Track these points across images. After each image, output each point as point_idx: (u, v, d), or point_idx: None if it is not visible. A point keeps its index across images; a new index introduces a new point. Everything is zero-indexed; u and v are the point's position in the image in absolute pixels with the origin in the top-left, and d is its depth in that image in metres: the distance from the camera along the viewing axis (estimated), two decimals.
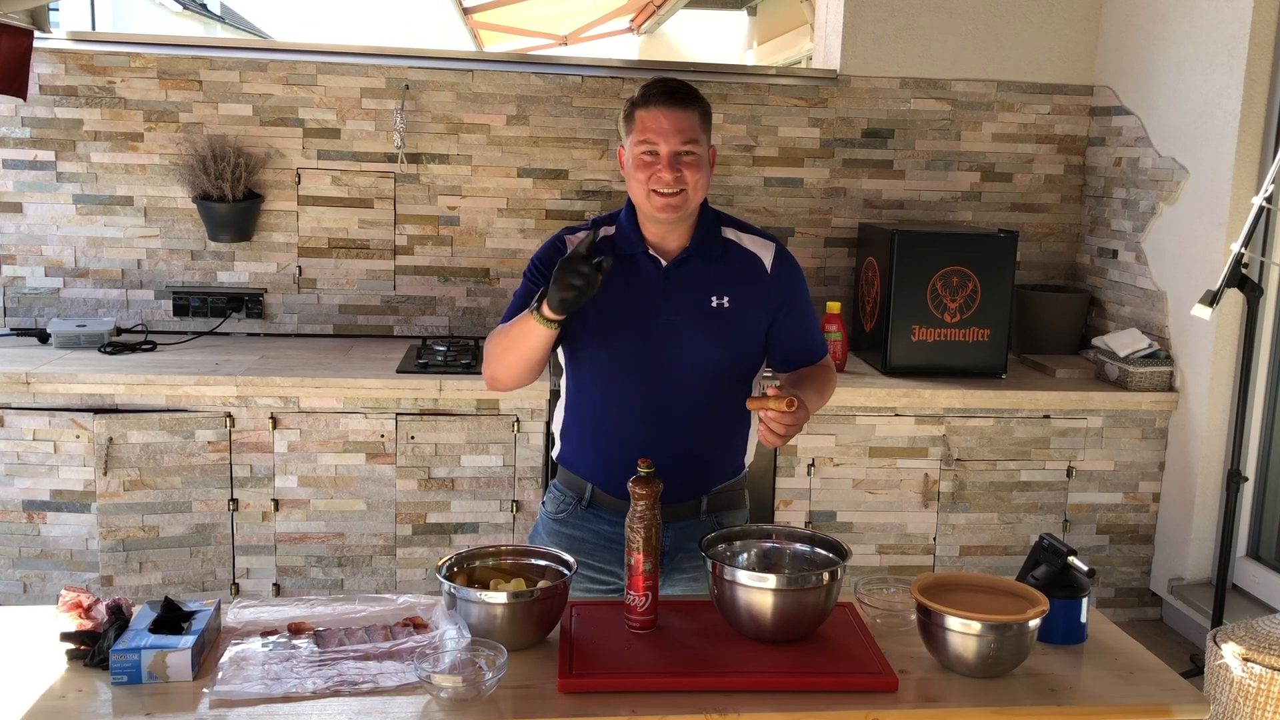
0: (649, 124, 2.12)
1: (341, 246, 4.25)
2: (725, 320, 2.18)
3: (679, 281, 2.18)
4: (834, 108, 4.36)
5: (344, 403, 3.64)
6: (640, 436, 2.17)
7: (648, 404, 2.18)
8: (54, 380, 3.54)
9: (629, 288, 2.17)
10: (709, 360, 2.18)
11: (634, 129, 2.14)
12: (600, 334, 2.17)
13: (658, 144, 2.11)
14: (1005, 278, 3.96)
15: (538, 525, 2.39)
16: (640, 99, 2.14)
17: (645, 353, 2.17)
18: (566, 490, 2.32)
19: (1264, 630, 2.83)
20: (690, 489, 2.24)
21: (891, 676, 1.83)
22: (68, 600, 1.92)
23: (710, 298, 2.18)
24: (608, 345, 2.18)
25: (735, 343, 2.21)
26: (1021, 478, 3.94)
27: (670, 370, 2.17)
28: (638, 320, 2.17)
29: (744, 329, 2.21)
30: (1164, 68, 4.04)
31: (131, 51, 4.06)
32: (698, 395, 2.19)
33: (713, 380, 2.20)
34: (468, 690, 1.73)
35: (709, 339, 2.17)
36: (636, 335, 2.16)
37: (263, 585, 3.73)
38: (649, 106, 2.12)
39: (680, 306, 2.17)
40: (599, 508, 2.27)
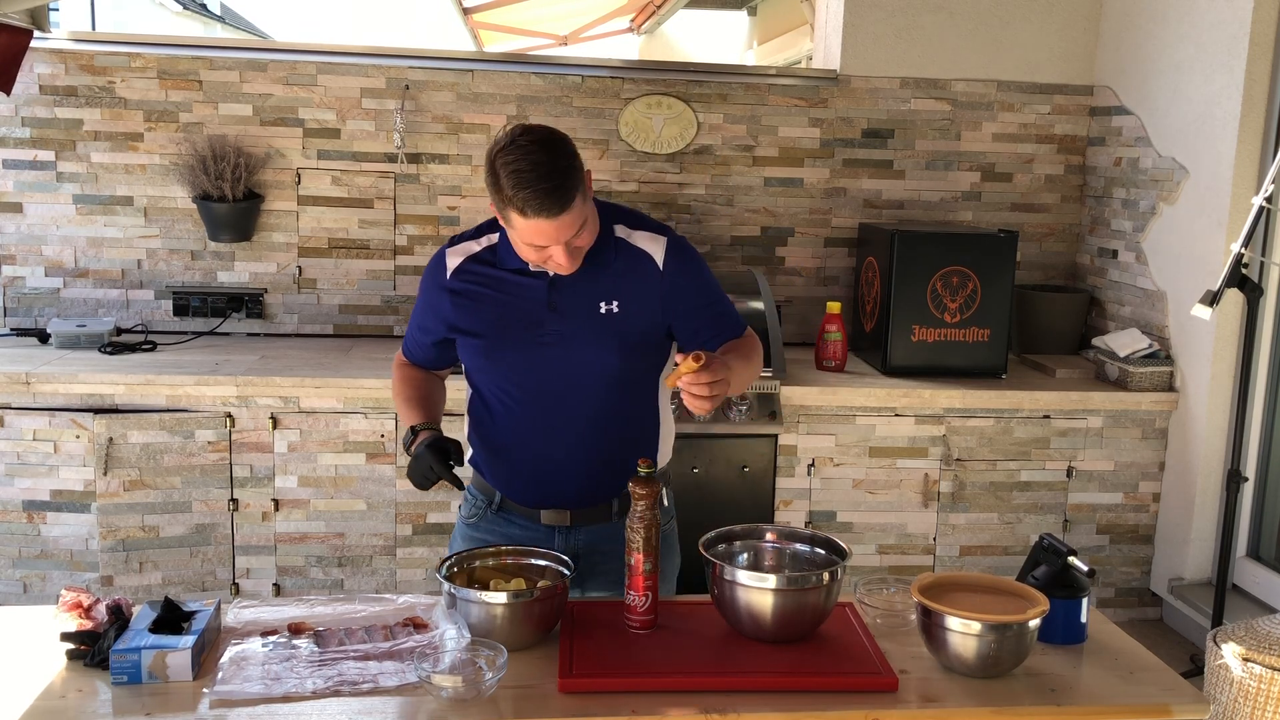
0: (533, 234, 1.95)
1: (341, 246, 4.25)
2: (615, 325, 2.12)
3: (565, 291, 2.11)
4: (834, 108, 4.36)
5: (344, 403, 3.64)
6: (541, 446, 2.16)
7: (545, 415, 2.16)
8: (54, 380, 3.54)
9: (513, 304, 2.13)
10: (601, 366, 2.13)
11: (515, 227, 1.96)
12: (489, 352, 2.15)
13: (547, 246, 1.98)
14: (1005, 278, 3.96)
15: (455, 530, 2.39)
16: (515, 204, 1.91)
17: (536, 366, 2.13)
18: (478, 494, 2.31)
19: (1264, 630, 2.83)
20: (598, 493, 2.23)
21: (891, 676, 1.83)
22: (68, 600, 1.92)
23: (599, 303, 2.11)
24: (498, 362, 2.15)
25: (629, 348, 2.14)
26: (1021, 478, 3.94)
27: (563, 380, 2.13)
28: (524, 335, 2.12)
29: (635, 331, 2.14)
30: (1164, 68, 4.04)
31: (131, 51, 4.06)
32: (595, 401, 2.15)
33: (608, 384, 2.15)
34: (468, 690, 1.73)
35: (598, 345, 2.12)
36: (525, 350, 2.13)
37: (263, 585, 3.73)
38: (528, 217, 1.91)
39: (567, 316, 2.11)
40: (509, 512, 2.26)
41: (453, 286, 2.17)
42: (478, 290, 2.16)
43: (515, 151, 1.92)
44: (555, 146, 1.94)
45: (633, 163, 4.31)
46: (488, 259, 2.17)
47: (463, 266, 2.17)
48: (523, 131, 1.95)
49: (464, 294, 2.16)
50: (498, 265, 2.15)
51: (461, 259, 2.18)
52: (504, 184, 1.91)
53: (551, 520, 2.23)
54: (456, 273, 2.17)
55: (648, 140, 4.29)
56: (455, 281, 2.17)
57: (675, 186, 4.35)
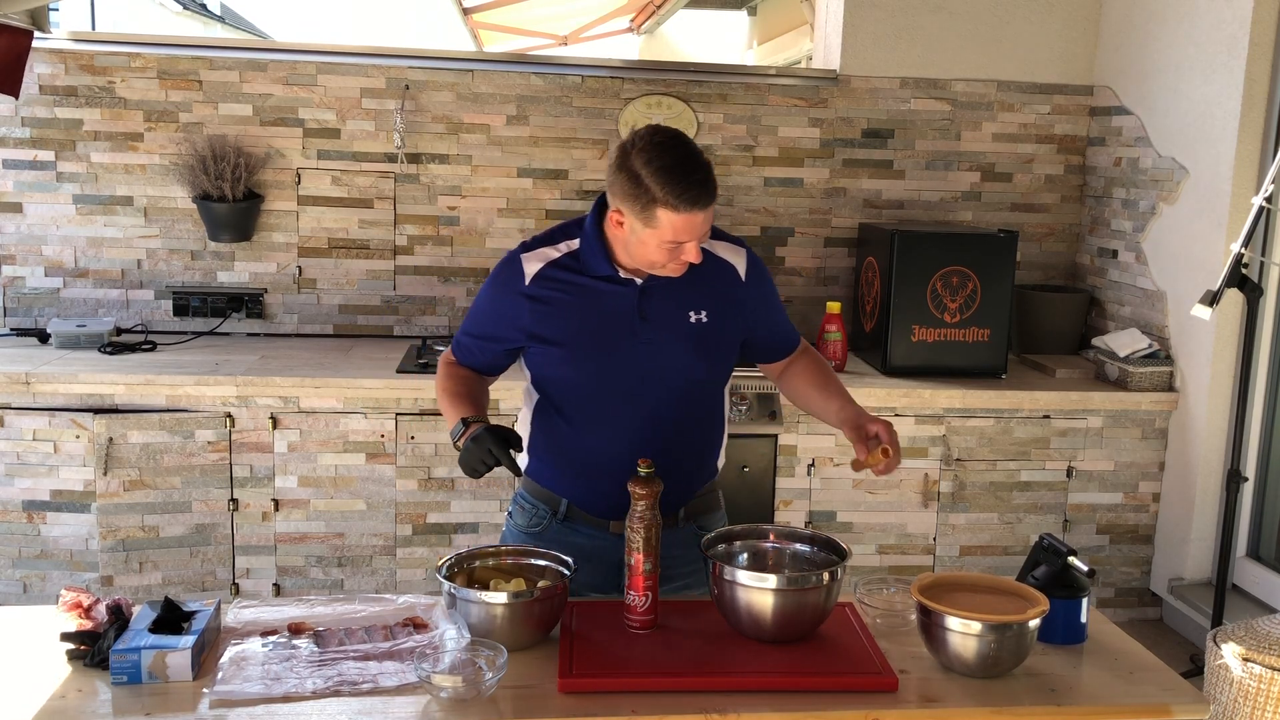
0: (681, 228, 1.95)
1: (341, 246, 4.25)
2: (704, 335, 2.14)
3: (655, 299, 2.11)
4: (834, 108, 4.36)
5: (344, 403, 3.64)
6: (620, 455, 2.12)
7: (628, 424, 2.14)
8: (54, 380, 3.54)
9: (603, 309, 2.11)
10: (689, 376, 2.15)
11: (657, 227, 1.96)
12: (574, 357, 2.12)
13: (688, 241, 1.99)
14: (1005, 278, 3.96)
15: (505, 539, 2.32)
16: (667, 201, 1.92)
17: (623, 374, 2.11)
18: (538, 503, 2.26)
19: (1264, 630, 2.83)
20: (667, 501, 2.20)
21: (891, 676, 1.83)
22: (68, 600, 1.92)
23: (689, 313, 2.12)
24: (582, 369, 2.12)
25: (714, 357, 2.17)
26: (1021, 478, 3.94)
27: (650, 389, 2.13)
28: (614, 343, 2.11)
29: (722, 341, 2.17)
30: (1164, 68, 4.04)
31: (131, 51, 4.06)
32: (677, 410, 2.15)
33: (691, 393, 2.17)
34: (468, 690, 1.73)
35: (689, 355, 2.13)
36: (614, 358, 2.11)
37: (263, 585, 3.73)
38: (680, 212, 1.93)
39: (658, 325, 2.11)
40: (575, 522, 2.22)
41: (532, 293, 2.11)
42: (560, 297, 2.11)
43: (656, 150, 1.93)
44: (689, 142, 1.99)
45: None
46: (571, 265, 2.12)
47: (543, 273, 2.12)
48: (654, 131, 1.97)
49: (547, 300, 2.11)
50: (582, 272, 2.11)
51: (541, 265, 2.13)
52: (651, 183, 1.92)
53: (621, 529, 2.16)
54: (537, 279, 2.12)
55: None
56: (535, 288, 2.11)
57: None
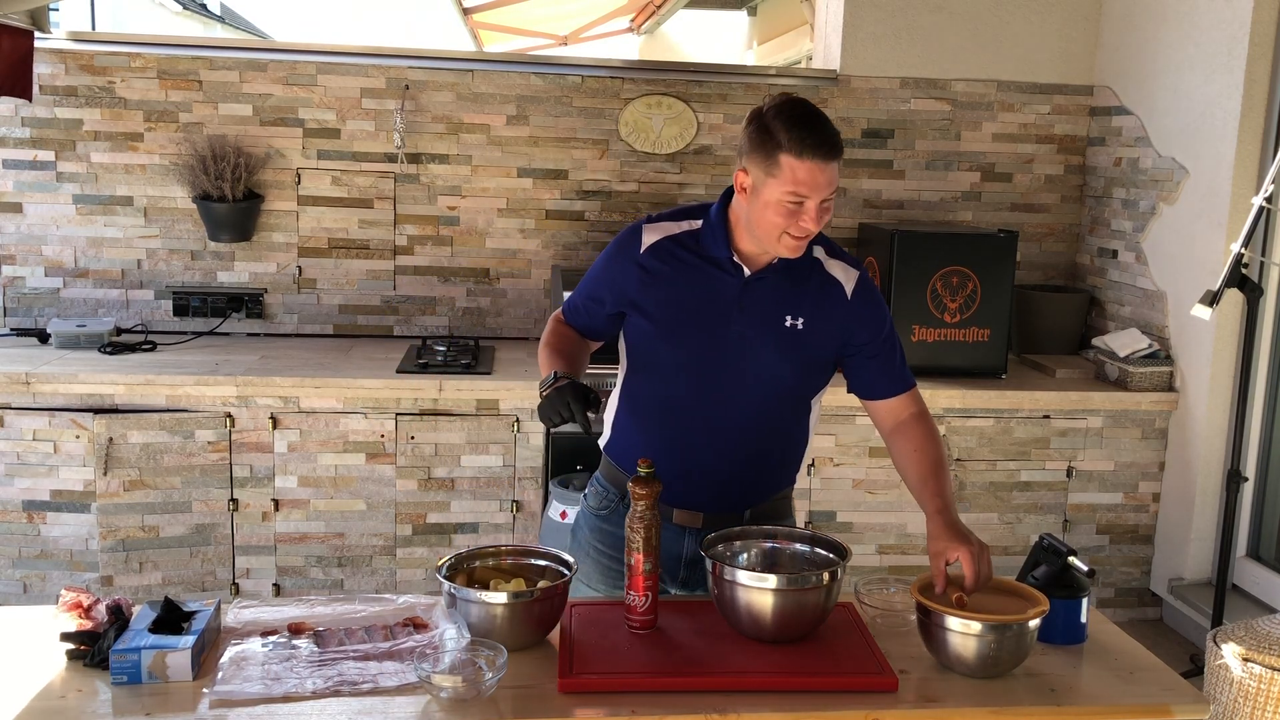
0: (802, 177, 1.95)
1: (341, 246, 4.25)
2: (796, 340, 2.12)
3: (756, 294, 2.11)
4: (834, 108, 4.36)
5: (344, 403, 3.64)
6: (693, 443, 2.13)
7: (705, 412, 2.13)
8: (54, 380, 3.54)
9: (705, 292, 2.11)
10: (774, 377, 2.14)
11: (779, 175, 1.96)
12: (668, 333, 2.13)
13: (808, 196, 1.97)
14: (1005, 278, 3.96)
15: (579, 520, 2.35)
16: (791, 145, 1.94)
17: (711, 360, 2.11)
18: (609, 486, 2.27)
19: (1264, 630, 2.83)
20: (733, 502, 2.20)
21: (891, 676, 1.83)
22: (68, 600, 1.92)
23: (785, 316, 2.12)
24: (674, 346, 2.13)
25: (803, 364, 2.16)
26: (1021, 478, 3.94)
27: (733, 381, 2.12)
28: (709, 326, 2.11)
29: (814, 352, 2.15)
30: (1164, 68, 4.04)
31: (131, 51, 4.06)
32: (756, 410, 2.15)
33: (773, 396, 2.16)
34: (468, 690, 1.73)
35: (777, 355, 2.12)
36: (705, 341, 2.11)
37: (263, 585, 3.73)
38: (803, 158, 1.93)
39: (753, 319, 2.11)
40: None
41: (644, 262, 2.13)
42: (669, 271, 2.12)
43: (788, 105, 1.99)
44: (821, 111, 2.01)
45: (633, 163, 4.31)
46: (688, 243, 2.13)
47: (660, 244, 2.13)
48: (789, 95, 2.03)
49: (655, 272, 2.12)
50: (698, 252, 2.13)
51: (659, 236, 2.14)
52: (780, 130, 1.95)
53: (684, 521, 2.19)
54: (652, 249, 2.13)
55: (648, 140, 4.29)
56: (648, 258, 2.13)
57: (675, 186, 4.35)
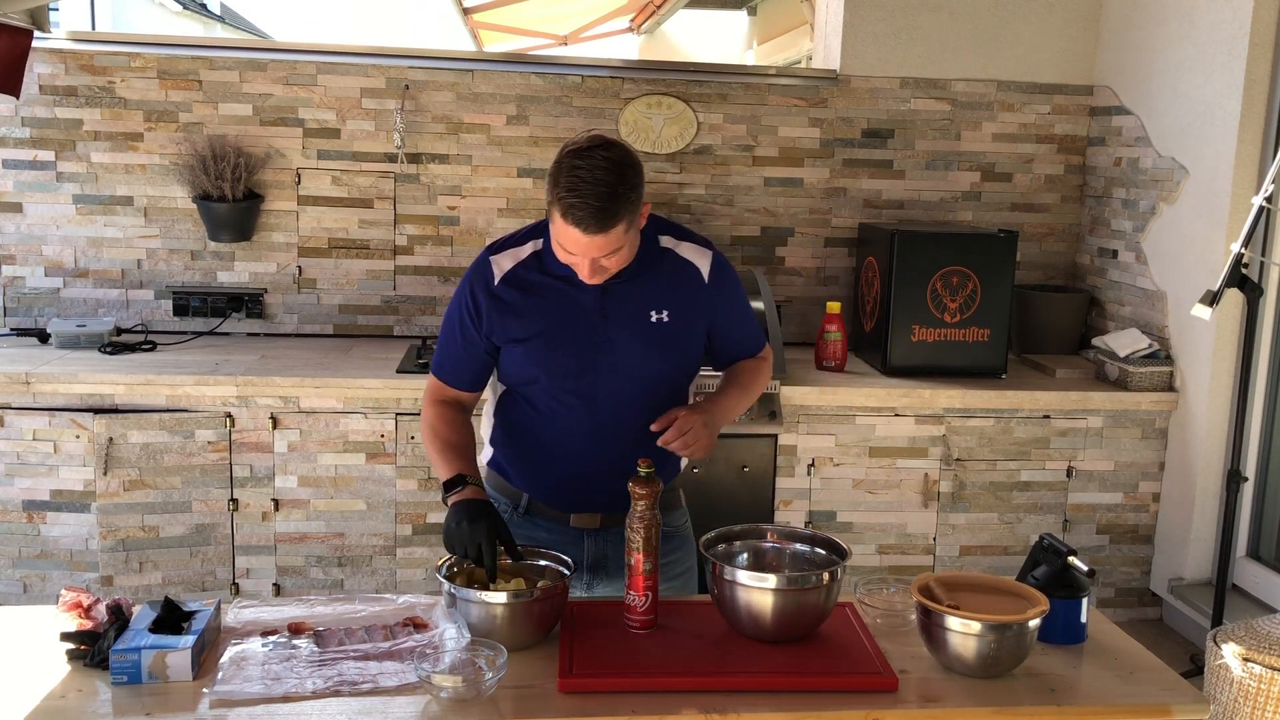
0: (567, 241, 1.97)
1: (341, 246, 4.25)
2: (665, 334, 2.15)
3: (617, 298, 2.13)
4: (834, 108, 4.36)
5: (344, 403, 3.64)
6: (581, 450, 2.15)
7: (589, 420, 2.15)
8: (54, 380, 3.54)
9: (567, 307, 2.12)
10: (650, 374, 2.16)
11: (554, 225, 1.98)
12: (538, 355, 2.13)
13: (576, 256, 2.00)
14: (1005, 278, 3.96)
15: None
16: (558, 204, 1.94)
17: (586, 371, 2.13)
18: (499, 497, 2.28)
19: (1264, 630, 2.83)
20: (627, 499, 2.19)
21: (891, 676, 1.83)
22: (68, 600, 1.92)
23: (649, 312, 2.14)
24: (546, 366, 2.13)
25: (676, 356, 2.19)
26: (1021, 478, 3.94)
27: (611, 386, 2.14)
28: (577, 339, 2.12)
29: (684, 342, 2.19)
30: (1164, 68, 4.04)
31: (131, 51, 4.06)
32: (639, 408, 2.16)
33: (653, 392, 2.18)
34: (468, 690, 1.73)
35: (649, 354, 2.14)
36: (576, 355, 2.12)
37: (263, 585, 3.73)
38: (566, 221, 1.94)
39: (619, 323, 2.13)
40: (536, 515, 2.25)
41: (501, 293, 2.13)
42: (527, 295, 2.13)
43: (585, 159, 1.94)
44: (623, 172, 1.95)
45: None
46: (536, 265, 2.14)
47: (512, 272, 2.14)
48: (602, 144, 1.96)
49: (514, 299, 2.13)
50: (546, 271, 2.13)
51: (511, 264, 2.14)
52: (560, 183, 1.94)
53: (581, 523, 2.23)
54: (506, 279, 2.13)
55: (648, 140, 4.29)
56: (504, 288, 2.13)
57: (675, 186, 4.35)
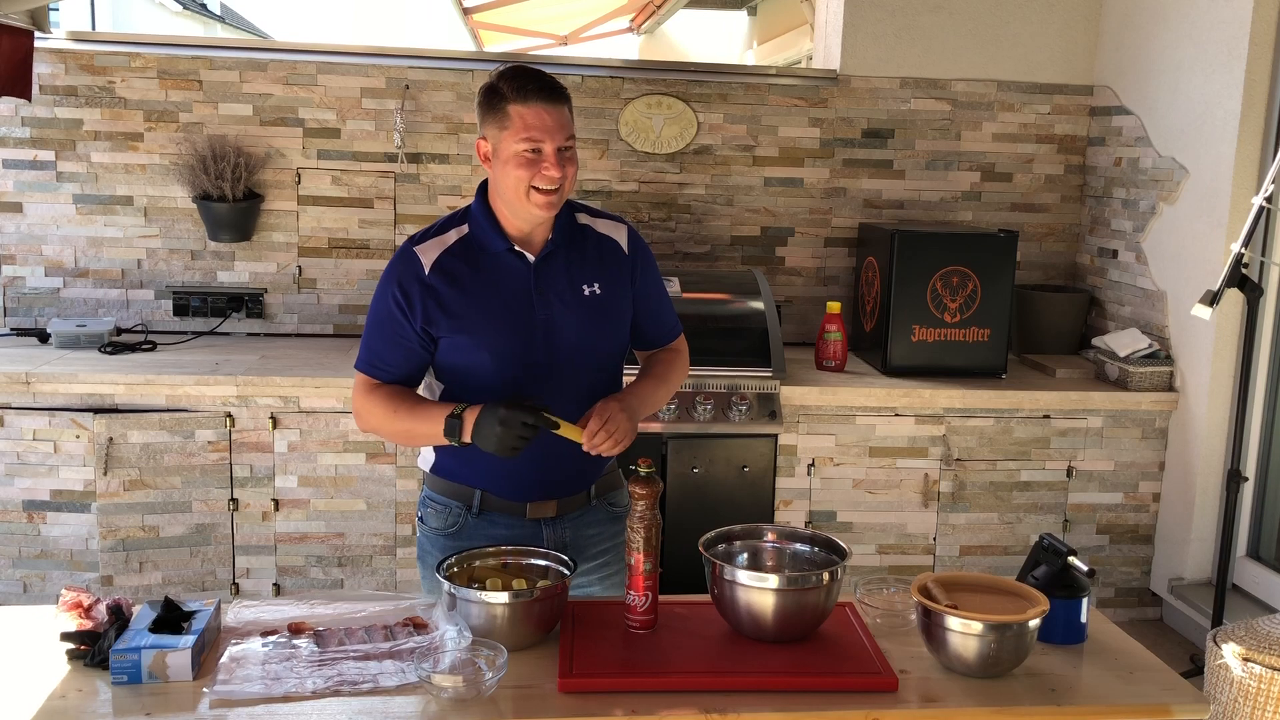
0: (531, 121, 2.02)
1: (341, 246, 4.25)
2: (598, 307, 2.17)
3: (548, 275, 2.14)
4: (834, 108, 4.36)
5: (344, 403, 3.64)
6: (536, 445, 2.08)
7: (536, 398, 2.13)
8: (54, 380, 3.54)
9: (501, 289, 2.12)
10: (588, 349, 2.17)
11: (509, 125, 2.04)
12: (477, 341, 2.12)
13: (542, 141, 2.03)
14: (1005, 278, 3.96)
15: (423, 544, 2.30)
16: (514, 94, 2.02)
17: (525, 350, 2.12)
18: (449, 501, 2.24)
19: (1264, 630, 2.83)
20: (580, 480, 2.24)
21: (891, 676, 1.83)
22: (68, 600, 1.92)
23: (581, 287, 2.16)
24: (484, 349, 2.12)
25: (610, 327, 2.20)
26: (1021, 478, 3.94)
27: (551, 365, 2.14)
28: (513, 320, 2.12)
29: (616, 313, 2.21)
30: (1164, 68, 4.04)
31: (131, 51, 4.06)
32: (579, 382, 2.16)
33: (593, 366, 2.19)
34: (468, 690, 1.73)
35: (586, 328, 2.15)
36: (514, 334, 2.12)
37: (263, 585, 3.73)
38: (528, 103, 2.02)
39: (554, 298, 2.14)
40: (491, 512, 2.21)
41: (433, 282, 2.11)
42: (460, 283, 2.12)
43: (514, 68, 2.08)
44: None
45: (633, 163, 4.31)
46: (462, 251, 2.14)
47: (439, 261, 2.13)
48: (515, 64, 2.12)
49: (444, 288, 2.11)
50: (477, 256, 2.14)
51: (437, 253, 2.13)
52: (504, 85, 2.04)
53: (537, 514, 2.21)
54: (435, 268, 2.12)
55: (648, 140, 4.29)
56: (435, 277, 2.11)
57: (675, 186, 4.36)
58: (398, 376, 2.17)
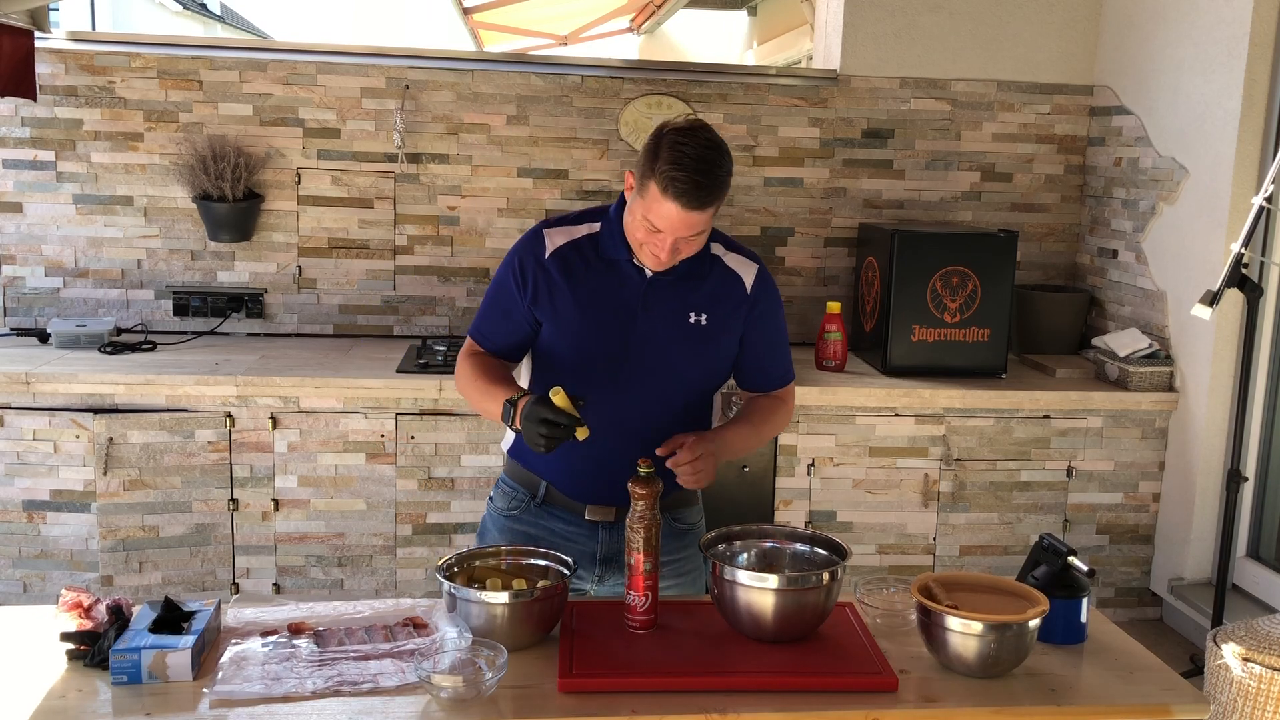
0: (663, 212, 1.98)
1: (341, 246, 4.25)
2: (701, 338, 2.17)
3: (660, 293, 2.14)
4: (834, 108, 4.36)
5: (344, 403, 3.64)
6: (604, 441, 2.12)
7: (614, 411, 2.14)
8: (54, 380, 3.54)
9: (610, 294, 2.14)
10: (679, 375, 2.17)
11: (647, 194, 2.00)
12: (575, 337, 2.14)
13: (663, 231, 2.02)
14: (1005, 278, 3.96)
15: (485, 523, 2.35)
16: (661, 179, 1.96)
17: (618, 360, 2.14)
18: (518, 486, 2.29)
19: (1264, 630, 2.83)
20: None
21: (891, 676, 1.83)
22: (68, 600, 1.92)
23: (689, 313, 2.16)
24: (580, 348, 2.15)
25: (707, 360, 2.20)
26: (1021, 478, 3.94)
27: (640, 380, 2.15)
28: (614, 327, 2.14)
29: (717, 348, 2.20)
30: (1164, 68, 4.04)
31: (131, 51, 4.06)
32: (664, 406, 2.17)
33: (680, 393, 2.19)
34: (468, 690, 1.73)
35: (682, 355, 2.15)
36: (611, 341, 2.14)
37: (263, 585, 3.73)
38: (667, 196, 1.96)
39: (658, 318, 2.14)
40: (552, 505, 2.26)
41: (551, 266, 2.14)
42: (575, 276, 2.13)
43: (689, 136, 1.99)
44: (724, 152, 2.01)
45: (633, 163, 4.30)
46: (588, 247, 2.15)
47: (562, 249, 2.15)
48: (702, 126, 2.02)
49: (560, 277, 2.13)
50: (599, 255, 2.15)
51: (563, 241, 2.15)
52: (663, 155, 1.97)
53: (596, 516, 2.23)
54: (556, 254, 2.14)
55: None
56: (554, 262, 2.14)
57: None
58: (499, 348, 2.21)
